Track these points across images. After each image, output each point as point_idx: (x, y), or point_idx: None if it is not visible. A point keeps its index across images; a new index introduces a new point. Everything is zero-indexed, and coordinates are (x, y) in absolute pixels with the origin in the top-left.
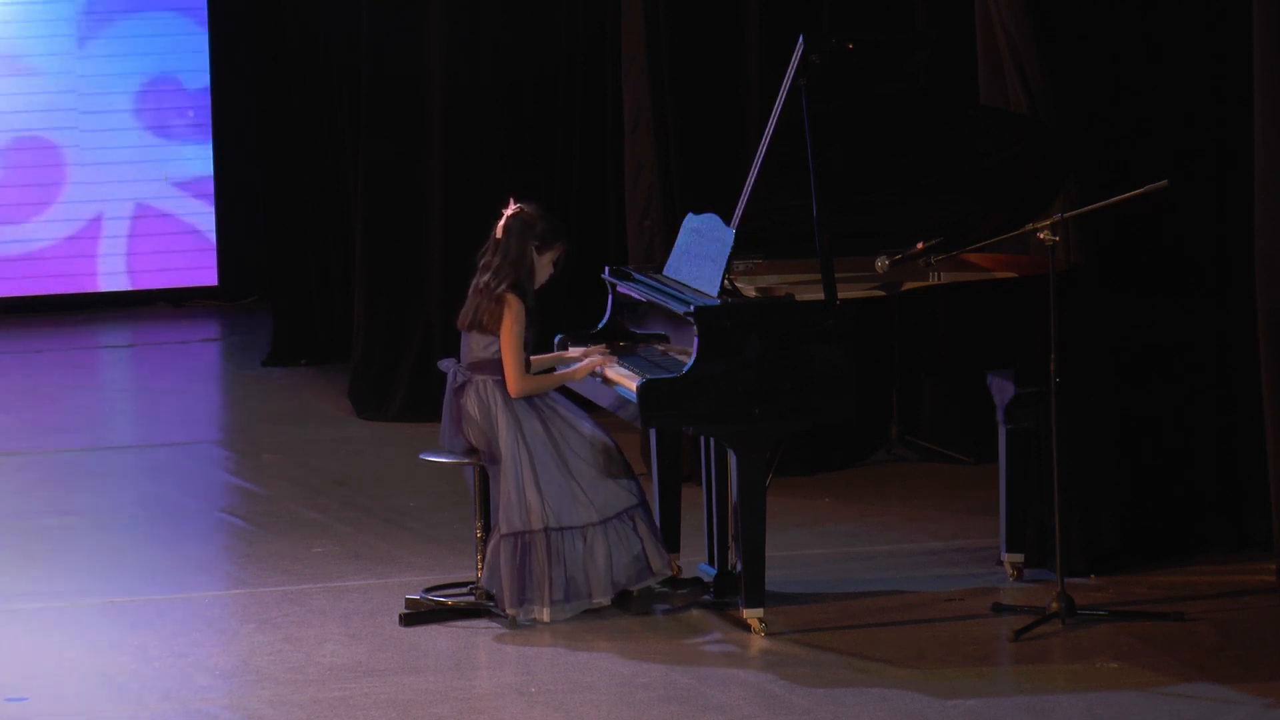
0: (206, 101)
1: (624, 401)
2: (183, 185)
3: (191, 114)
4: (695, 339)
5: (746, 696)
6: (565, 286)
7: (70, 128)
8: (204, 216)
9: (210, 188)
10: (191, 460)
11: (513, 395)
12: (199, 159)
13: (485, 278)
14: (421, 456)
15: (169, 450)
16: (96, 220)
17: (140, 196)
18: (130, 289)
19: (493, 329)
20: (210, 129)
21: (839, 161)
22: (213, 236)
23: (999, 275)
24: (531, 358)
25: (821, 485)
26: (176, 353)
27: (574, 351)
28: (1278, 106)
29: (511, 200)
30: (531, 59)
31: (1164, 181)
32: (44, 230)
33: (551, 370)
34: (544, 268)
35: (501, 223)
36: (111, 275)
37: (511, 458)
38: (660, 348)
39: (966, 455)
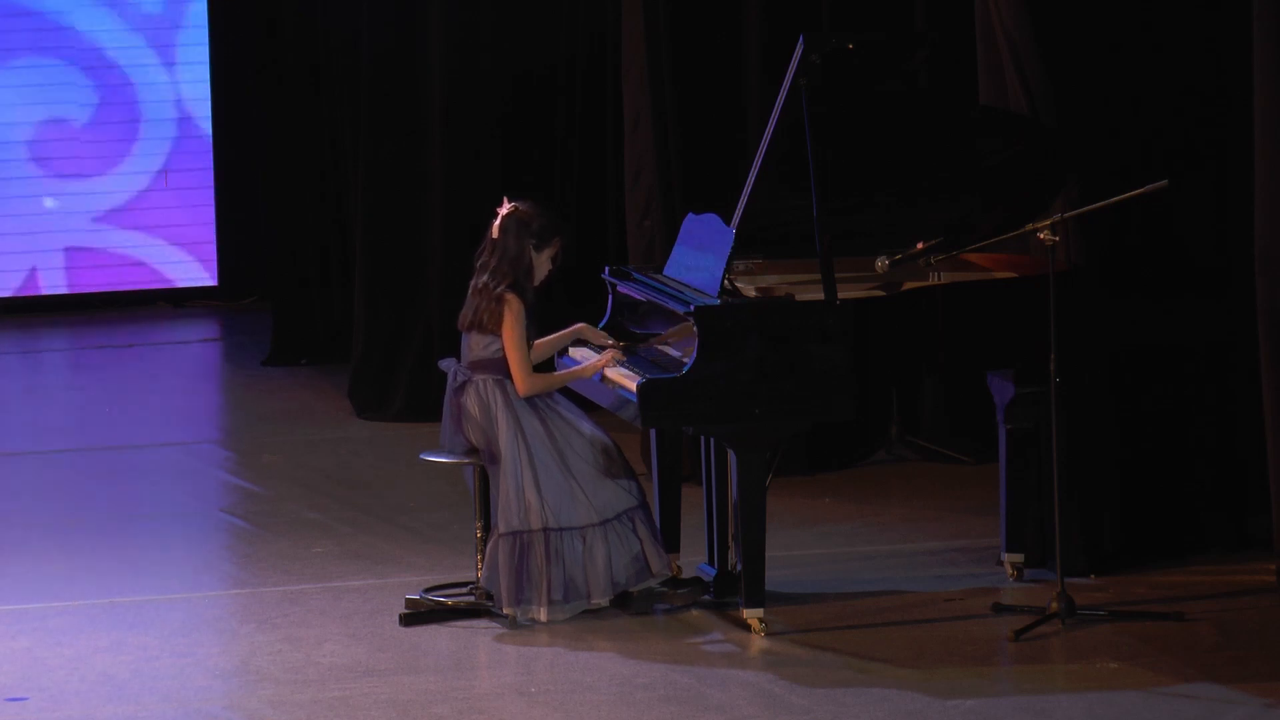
0: (207, 108)
1: (624, 401)
2: (181, 185)
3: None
4: (695, 339)
5: (746, 696)
6: (567, 291)
7: (67, 138)
8: (204, 217)
9: (210, 188)
10: (191, 460)
11: (521, 394)
12: (199, 159)
13: (484, 278)
14: (421, 456)
15: (169, 450)
16: (97, 220)
17: (140, 196)
18: (130, 289)
19: (493, 329)
20: (210, 129)
21: (839, 161)
22: (213, 237)
23: (999, 275)
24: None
25: (821, 485)
26: (176, 353)
27: (577, 352)
28: (1278, 106)
29: (506, 199)
30: (532, 59)
31: (1164, 181)
32: (43, 231)
33: (552, 358)
34: (542, 264)
35: (497, 222)
36: (112, 275)
37: (511, 457)
38: (660, 347)
39: (966, 455)
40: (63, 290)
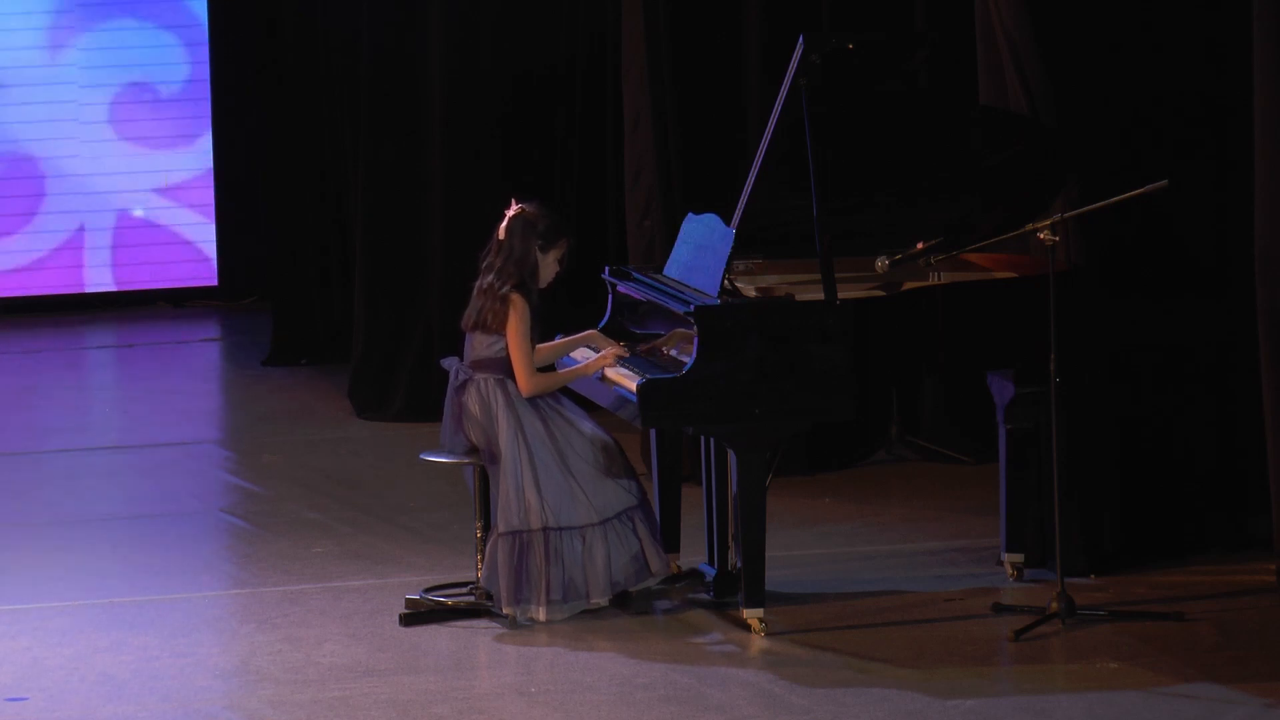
0: (207, 95)
1: (624, 401)
2: (183, 185)
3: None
4: (695, 339)
5: (746, 696)
6: (567, 292)
7: (66, 138)
8: (204, 217)
9: (210, 188)
10: (191, 460)
11: (524, 394)
12: (199, 159)
13: (489, 279)
14: (421, 456)
15: (169, 450)
16: (97, 221)
17: (141, 197)
18: (131, 289)
19: (497, 328)
20: (210, 129)
21: (839, 161)
22: (213, 237)
23: (999, 275)
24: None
25: (821, 485)
26: (176, 353)
27: (577, 352)
28: (1278, 106)
29: (513, 201)
30: (532, 59)
31: (1164, 181)
32: (45, 231)
33: (554, 363)
34: (549, 266)
35: (504, 223)
36: (112, 276)
37: (511, 457)
38: (660, 347)
39: (966, 455)
40: (62, 290)
